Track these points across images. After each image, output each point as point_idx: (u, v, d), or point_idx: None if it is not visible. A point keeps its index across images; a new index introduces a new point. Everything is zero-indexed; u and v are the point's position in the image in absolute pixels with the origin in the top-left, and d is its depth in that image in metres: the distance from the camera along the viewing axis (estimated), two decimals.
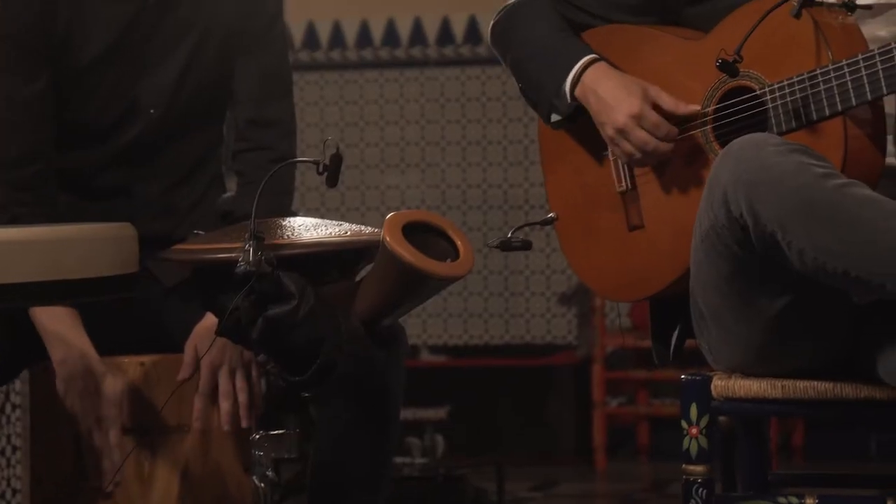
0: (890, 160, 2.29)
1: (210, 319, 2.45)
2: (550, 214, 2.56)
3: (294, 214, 2.53)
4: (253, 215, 2.17)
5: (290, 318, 2.16)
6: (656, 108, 2.39)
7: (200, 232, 2.36)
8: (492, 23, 2.61)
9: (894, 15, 2.33)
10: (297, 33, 5.67)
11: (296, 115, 2.80)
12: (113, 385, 2.50)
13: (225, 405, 2.50)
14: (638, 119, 2.38)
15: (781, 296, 2.18)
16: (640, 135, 2.39)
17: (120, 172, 2.67)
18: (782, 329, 2.21)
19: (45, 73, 2.57)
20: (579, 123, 2.49)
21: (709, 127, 2.38)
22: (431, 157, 5.67)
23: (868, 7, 2.31)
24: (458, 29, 5.61)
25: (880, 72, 2.20)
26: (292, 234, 2.25)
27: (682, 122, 2.40)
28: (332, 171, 2.22)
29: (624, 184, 2.48)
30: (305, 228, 2.28)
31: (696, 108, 2.38)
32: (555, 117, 2.50)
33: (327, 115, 5.73)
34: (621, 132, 2.40)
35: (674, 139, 2.39)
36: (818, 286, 2.14)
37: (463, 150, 5.64)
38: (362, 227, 2.30)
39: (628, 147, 2.40)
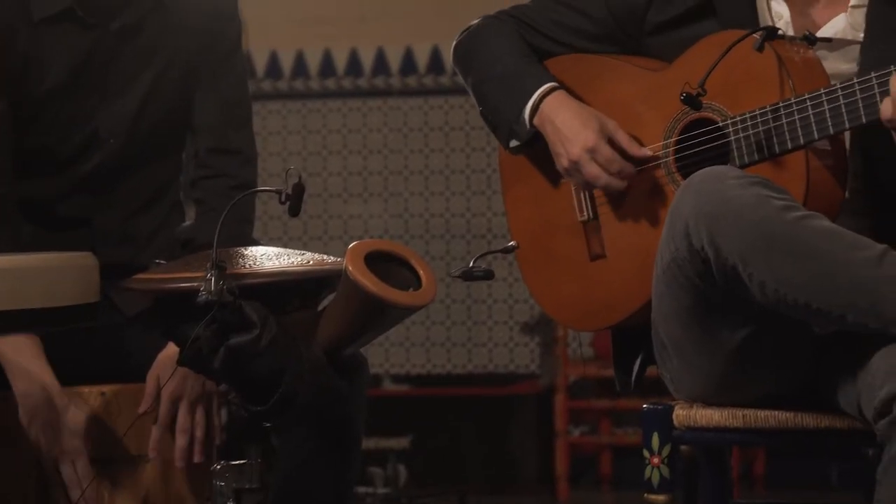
0: (849, 193, 2.30)
1: (172, 349, 2.44)
2: (511, 243, 2.56)
3: (256, 243, 2.53)
4: (215, 244, 2.16)
5: (251, 347, 2.16)
6: (612, 142, 2.41)
7: (162, 261, 2.36)
8: (454, 42, 2.62)
9: (854, 50, 2.35)
10: (260, 62, 5.67)
11: (257, 144, 2.80)
12: (76, 417, 2.49)
13: (181, 441, 2.49)
14: (592, 153, 2.39)
15: (743, 327, 2.19)
16: (593, 169, 2.40)
17: (80, 201, 2.66)
18: (744, 360, 2.22)
19: (2, 101, 2.56)
20: (539, 152, 2.50)
21: (671, 158, 2.39)
22: (394, 187, 5.67)
23: (828, 41, 2.33)
24: (421, 59, 5.62)
25: (842, 106, 2.21)
26: (254, 264, 2.24)
27: (640, 159, 2.41)
28: (294, 200, 2.22)
29: (585, 213, 2.49)
30: (267, 258, 2.27)
31: (648, 152, 2.39)
32: (514, 143, 2.51)
33: (290, 144, 5.72)
34: (575, 164, 2.41)
35: (628, 176, 2.40)
36: (779, 317, 2.15)
37: (426, 179, 5.65)
38: (325, 257, 2.30)
39: (581, 179, 2.42)
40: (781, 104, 2.26)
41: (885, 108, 2.14)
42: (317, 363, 2.23)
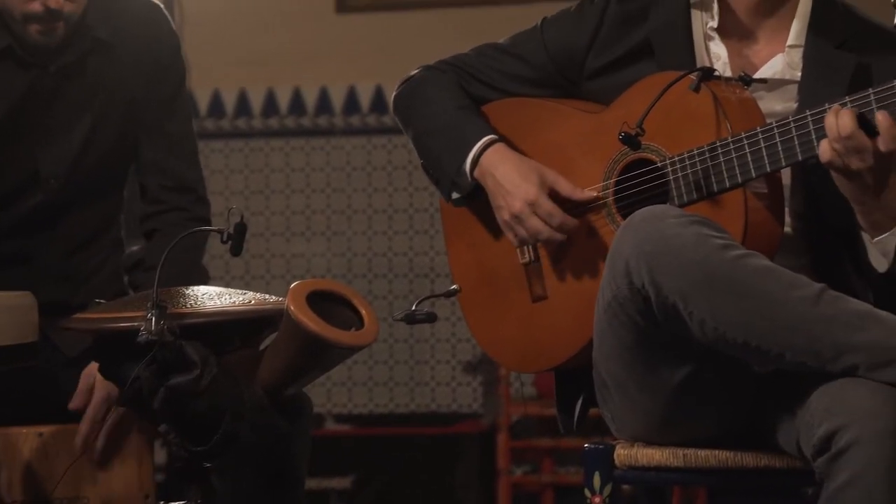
0: (786, 230, 2.33)
1: None
2: (454, 286, 2.57)
3: (206, 273, 2.53)
4: (155, 284, 2.15)
5: (192, 387, 2.15)
6: (554, 193, 2.42)
7: (102, 300, 2.34)
8: (394, 94, 2.63)
9: (789, 91, 2.38)
10: (203, 101, 5.66)
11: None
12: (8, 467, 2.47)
13: (84, 428, 2.48)
14: (533, 206, 2.41)
15: (683, 365, 2.20)
16: (535, 223, 2.41)
17: (19, 240, 2.64)
18: (684, 398, 2.23)
19: None
20: (482, 197, 2.51)
21: (611, 199, 2.41)
22: (337, 226, 5.66)
23: (763, 81, 2.36)
24: (365, 98, 5.63)
25: (778, 144, 2.24)
26: (195, 303, 2.23)
27: (585, 202, 2.42)
28: (236, 239, 2.22)
29: (527, 256, 2.50)
30: (209, 297, 2.26)
31: (592, 194, 2.41)
32: (455, 195, 2.52)
33: (232, 183, 5.71)
34: (516, 218, 2.42)
35: (569, 230, 2.41)
36: (719, 356, 2.16)
37: (369, 218, 5.65)
38: (266, 296, 2.30)
39: (522, 233, 2.43)
40: (718, 143, 2.28)
41: (824, 151, 2.17)
42: (258, 403, 2.21)
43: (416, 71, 2.62)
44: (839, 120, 2.14)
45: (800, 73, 2.37)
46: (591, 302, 2.27)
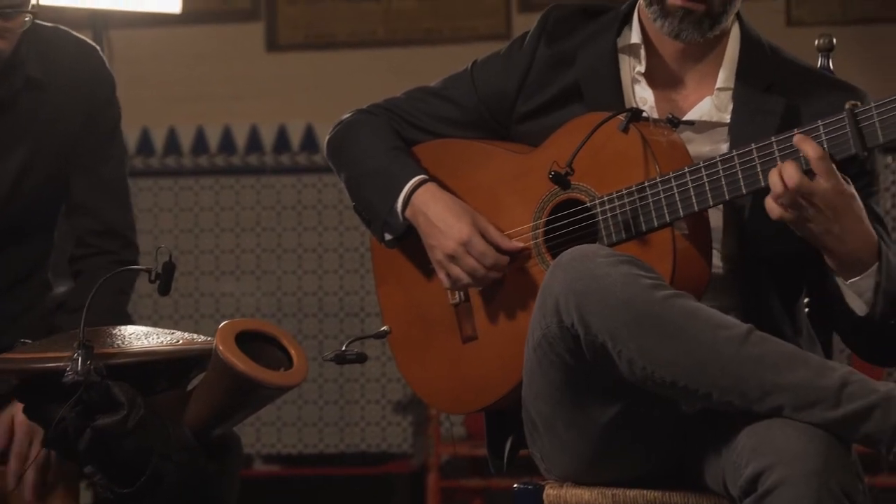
0: (715, 271, 2.34)
1: None
2: (384, 328, 2.56)
3: (129, 317, 2.51)
4: (82, 324, 2.14)
5: (118, 428, 2.13)
6: (485, 236, 2.42)
7: (27, 340, 2.32)
8: (327, 138, 2.63)
9: (716, 133, 2.40)
10: (132, 140, 5.63)
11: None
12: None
13: (13, 464, 2.44)
14: (466, 246, 2.41)
15: (612, 404, 2.21)
16: (468, 262, 2.42)
17: None
18: (613, 437, 2.23)
19: None
20: (412, 238, 2.51)
21: (540, 239, 2.42)
22: (267, 265, 5.64)
23: (690, 124, 2.38)
24: (295, 136, 5.63)
25: (706, 184, 2.26)
26: (122, 343, 2.22)
27: (511, 252, 2.43)
28: (164, 279, 2.21)
29: (457, 296, 2.50)
30: (136, 337, 2.25)
31: (520, 245, 2.42)
32: (388, 236, 2.52)
33: (161, 221, 5.68)
34: (450, 257, 2.43)
35: (502, 269, 2.42)
36: (648, 395, 2.17)
37: (299, 257, 5.63)
38: (195, 336, 2.28)
39: (456, 272, 2.43)
40: (647, 183, 2.29)
41: (772, 209, 2.18)
42: (185, 444, 2.20)
43: (348, 114, 2.62)
44: (784, 172, 2.16)
45: (728, 116, 2.39)
46: (521, 342, 2.27)
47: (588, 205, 2.35)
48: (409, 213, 2.48)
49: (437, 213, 2.44)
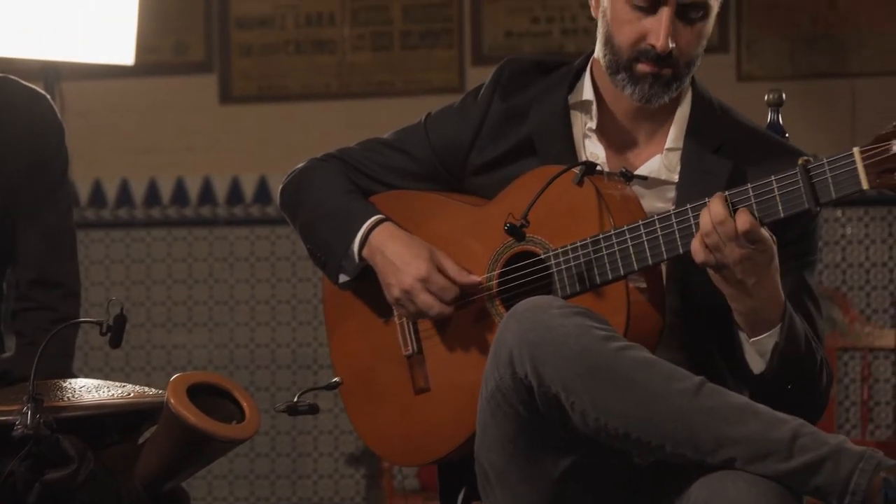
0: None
1: None
2: (335, 379, 2.56)
3: (74, 377, 2.48)
4: (32, 377, 2.12)
5: (68, 482, 2.11)
6: (442, 272, 2.43)
7: None
8: (281, 187, 2.63)
9: (669, 190, 2.42)
10: (84, 191, 5.60)
11: (80, 275, 2.75)
12: None
13: None
14: (424, 282, 2.41)
15: (565, 457, 2.21)
16: (426, 298, 2.41)
17: None
18: (566, 489, 2.23)
19: None
20: (365, 287, 2.50)
21: (494, 291, 2.42)
22: (220, 317, 5.62)
23: (644, 178, 2.39)
24: (249, 188, 5.62)
25: (660, 237, 2.27)
26: (73, 396, 2.20)
27: (468, 287, 2.43)
28: (115, 331, 2.19)
29: (410, 347, 2.49)
30: (87, 390, 2.23)
31: (477, 278, 2.42)
32: (343, 278, 2.52)
33: (113, 273, 5.65)
34: (407, 294, 2.42)
35: (459, 303, 2.42)
36: (601, 447, 2.17)
37: (252, 309, 5.61)
38: (146, 389, 2.27)
39: (413, 308, 2.43)
40: (601, 236, 2.31)
41: (696, 250, 2.21)
42: (136, 498, 2.18)
43: (302, 163, 2.62)
44: (711, 208, 2.18)
45: (677, 176, 2.40)
46: (474, 394, 2.27)
47: (542, 257, 2.36)
48: (367, 252, 2.47)
49: (395, 251, 2.44)
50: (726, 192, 2.22)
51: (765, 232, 2.19)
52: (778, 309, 2.24)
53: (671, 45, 2.33)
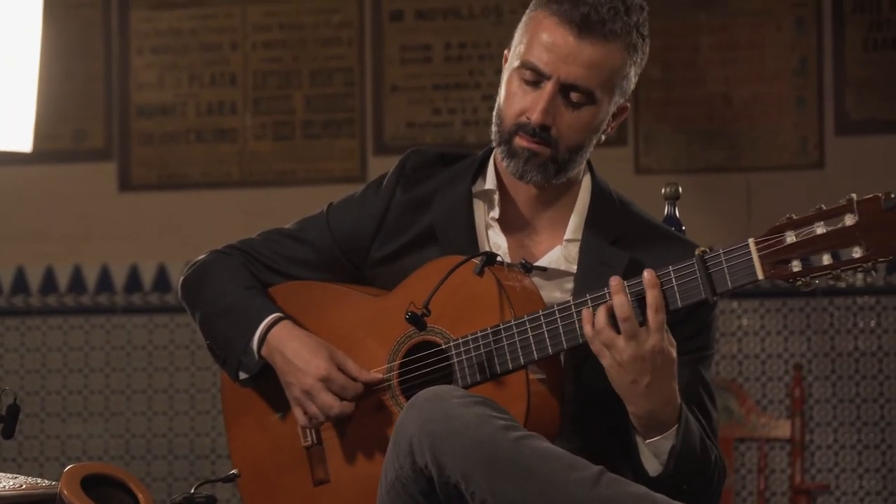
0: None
1: None
2: (233, 471, 2.53)
3: None
4: None
5: None
6: (342, 370, 2.42)
7: None
8: (181, 279, 2.60)
9: (565, 281, 2.44)
10: None
11: None
12: None
13: None
14: (325, 381, 2.40)
15: None
16: (327, 398, 2.40)
17: None
18: None
19: None
20: (264, 379, 2.49)
21: (395, 381, 2.41)
22: (116, 406, 5.55)
23: (543, 270, 2.41)
24: (147, 276, 5.58)
25: (560, 327, 2.28)
26: None
27: (370, 384, 2.42)
28: (7, 421, 2.16)
29: (309, 439, 2.48)
30: None
31: (378, 376, 2.41)
32: (242, 375, 2.50)
33: (6, 362, 5.56)
34: (308, 394, 2.41)
35: (359, 401, 2.41)
36: None
37: (149, 398, 5.54)
38: (38, 480, 2.23)
39: (313, 409, 2.42)
40: (502, 326, 2.31)
41: (586, 331, 2.22)
42: None
43: (203, 255, 2.60)
44: (596, 315, 2.20)
45: (576, 267, 2.42)
46: (374, 485, 2.25)
47: (443, 347, 2.36)
48: (265, 351, 2.46)
49: (294, 350, 2.43)
50: (625, 282, 2.24)
51: (664, 334, 2.20)
52: (674, 411, 2.25)
53: (547, 120, 2.34)
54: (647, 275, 2.22)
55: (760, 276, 2.18)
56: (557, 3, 2.34)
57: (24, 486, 2.20)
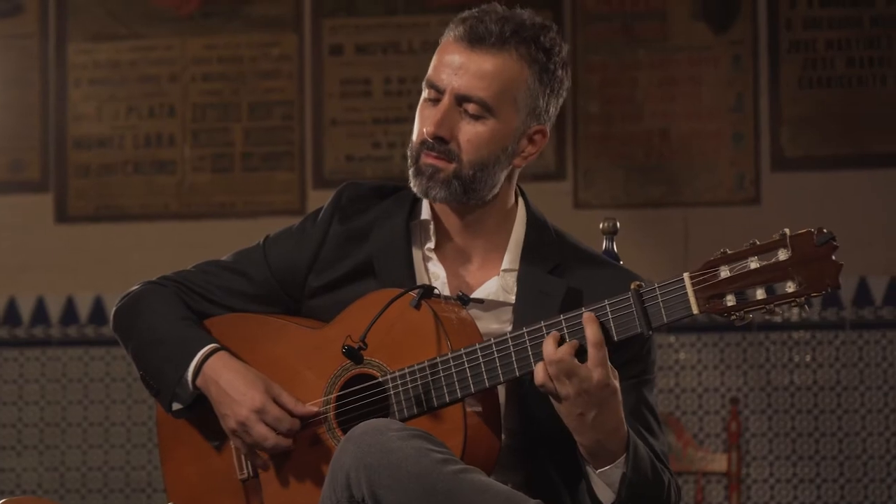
0: (503, 447, 2.36)
1: None
2: None
3: None
4: None
5: None
6: (278, 403, 2.41)
7: None
8: (114, 309, 2.58)
9: (504, 312, 2.44)
10: None
11: None
12: None
13: None
14: (260, 413, 2.39)
15: None
16: (262, 430, 2.39)
17: None
18: None
19: None
20: (199, 411, 2.47)
21: (331, 414, 2.41)
22: (50, 439, 5.49)
23: (480, 302, 2.41)
24: (83, 308, 5.53)
25: (497, 361, 2.29)
26: None
27: (306, 417, 2.41)
28: None
29: (245, 471, 2.46)
30: None
31: (314, 409, 2.40)
32: (176, 406, 2.48)
33: None
34: (243, 425, 2.40)
35: (295, 434, 2.40)
36: None
37: (84, 431, 5.50)
38: None
39: (249, 440, 2.40)
40: (439, 359, 2.31)
41: (538, 372, 2.23)
42: None
43: (136, 286, 2.58)
44: (558, 345, 2.21)
45: (514, 297, 2.43)
46: None
47: (380, 380, 2.36)
48: (201, 381, 2.44)
49: (229, 381, 2.42)
50: (562, 317, 2.25)
51: (609, 372, 2.21)
52: (621, 440, 2.26)
53: (441, 132, 2.36)
54: (585, 312, 2.23)
55: (695, 310, 2.19)
56: (455, 25, 2.39)
57: None
